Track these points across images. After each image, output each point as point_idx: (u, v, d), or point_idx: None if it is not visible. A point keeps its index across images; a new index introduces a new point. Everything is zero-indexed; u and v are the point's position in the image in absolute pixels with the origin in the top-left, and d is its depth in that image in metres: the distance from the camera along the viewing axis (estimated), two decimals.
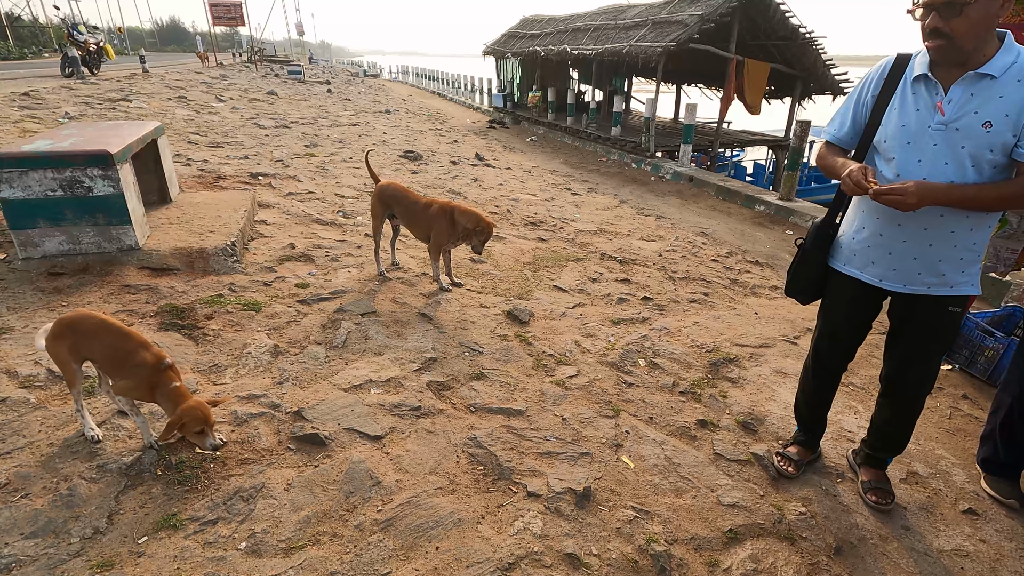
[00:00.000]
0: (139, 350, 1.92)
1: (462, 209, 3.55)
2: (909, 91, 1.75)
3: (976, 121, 1.62)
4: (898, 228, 1.79)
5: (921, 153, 1.70)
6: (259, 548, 1.73)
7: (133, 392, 1.94)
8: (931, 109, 1.69)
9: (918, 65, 1.74)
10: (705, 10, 10.19)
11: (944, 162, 1.67)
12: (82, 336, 1.95)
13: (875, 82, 1.83)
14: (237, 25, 30.53)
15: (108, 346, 1.95)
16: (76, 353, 1.96)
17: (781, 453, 2.35)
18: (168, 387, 1.91)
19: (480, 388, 2.69)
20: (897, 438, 2.16)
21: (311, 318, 3.18)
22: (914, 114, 1.72)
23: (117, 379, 1.98)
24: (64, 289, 3.11)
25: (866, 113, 1.84)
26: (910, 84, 1.75)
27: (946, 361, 3.43)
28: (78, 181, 3.19)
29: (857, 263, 1.94)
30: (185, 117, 9.52)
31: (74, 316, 1.97)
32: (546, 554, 1.80)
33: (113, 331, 1.95)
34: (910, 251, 1.80)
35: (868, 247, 1.88)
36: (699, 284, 4.45)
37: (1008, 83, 1.60)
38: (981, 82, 1.63)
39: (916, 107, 1.72)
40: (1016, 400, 2.20)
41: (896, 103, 1.77)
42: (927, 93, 1.71)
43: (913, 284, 1.84)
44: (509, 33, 18.53)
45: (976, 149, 1.64)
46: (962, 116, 1.64)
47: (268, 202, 5.19)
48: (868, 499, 2.17)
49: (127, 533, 1.74)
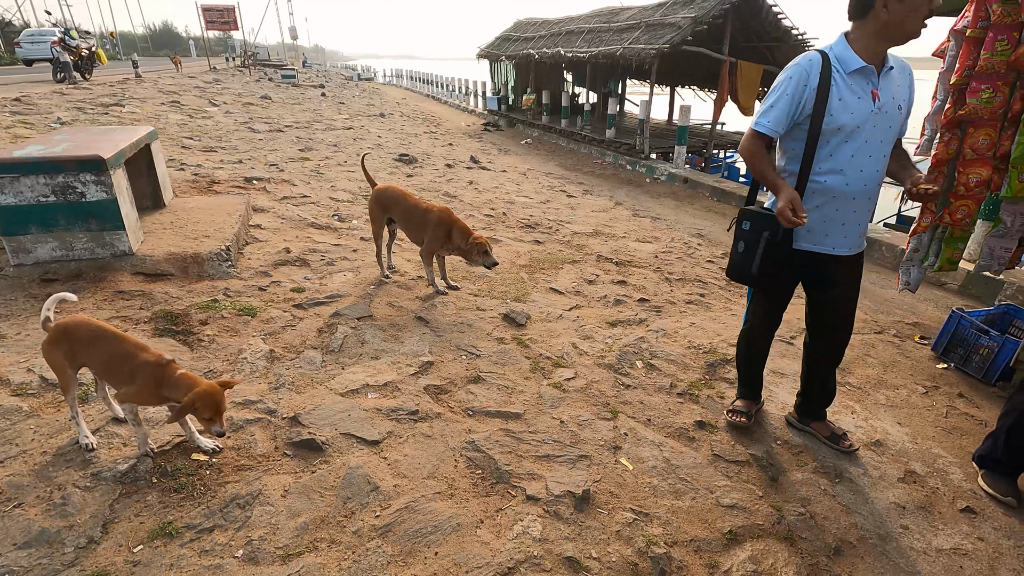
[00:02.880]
0: (137, 353, 1.90)
1: (461, 227, 3.53)
2: (846, 83, 1.98)
3: (894, 105, 1.99)
4: (852, 201, 2.09)
5: (867, 135, 1.99)
6: (256, 555, 1.71)
7: (137, 397, 1.91)
8: (868, 97, 1.97)
9: (849, 59, 1.97)
10: (698, 12, 10.24)
11: (880, 141, 2.01)
12: (78, 343, 1.92)
13: (812, 77, 2.00)
14: (230, 29, 30.48)
15: (105, 352, 1.92)
16: (72, 359, 1.94)
17: (732, 410, 2.59)
18: (175, 377, 1.87)
19: (477, 391, 2.68)
20: (831, 383, 2.48)
21: (307, 323, 3.16)
22: (857, 103, 1.97)
23: (118, 385, 1.96)
24: None
25: (808, 106, 2.01)
26: (846, 76, 1.97)
27: (941, 360, 3.44)
28: (71, 187, 3.16)
29: (811, 239, 2.18)
30: (179, 122, 9.48)
31: (70, 322, 1.95)
32: (545, 558, 1.79)
33: (109, 337, 1.93)
34: (856, 220, 2.13)
35: (824, 223, 2.13)
36: (695, 285, 4.46)
37: (896, 75, 2.00)
38: (889, 73, 1.99)
39: (858, 96, 1.97)
40: None
41: (839, 94, 1.97)
42: (864, 84, 1.98)
43: (854, 246, 2.18)
44: (503, 36, 18.56)
45: (895, 129, 2.03)
46: (887, 101, 1.98)
47: (263, 206, 5.16)
48: (843, 447, 2.44)
49: (122, 542, 1.72)
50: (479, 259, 3.54)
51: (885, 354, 3.49)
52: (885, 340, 3.70)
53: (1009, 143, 2.98)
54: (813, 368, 2.48)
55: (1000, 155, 3.03)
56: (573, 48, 13.26)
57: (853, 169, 2.02)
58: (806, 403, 2.57)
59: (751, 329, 2.52)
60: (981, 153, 3.02)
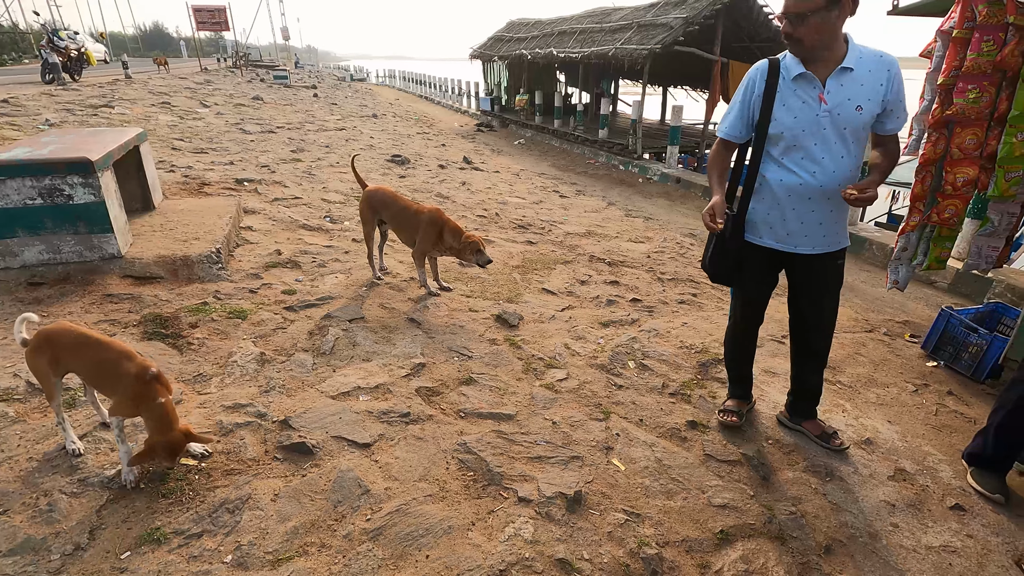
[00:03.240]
0: (122, 361, 1.87)
1: (452, 227, 3.53)
2: (791, 88, 2.04)
3: (851, 107, 1.98)
4: (808, 200, 2.11)
5: (815, 138, 2.03)
6: (245, 561, 1.70)
7: (123, 409, 1.86)
8: (815, 101, 2.01)
9: (793, 66, 2.04)
10: (689, 13, 10.28)
11: (833, 142, 2.03)
12: (62, 349, 1.90)
13: (758, 84, 2.11)
14: (221, 30, 30.32)
15: (90, 359, 1.90)
16: (56, 367, 1.92)
17: (723, 410, 2.60)
18: (153, 403, 1.82)
19: (470, 393, 2.67)
20: (818, 383, 2.50)
21: (298, 325, 3.14)
22: (801, 107, 2.03)
23: (106, 392, 1.93)
24: (44, 299, 3.05)
25: (756, 111, 2.13)
26: (790, 82, 2.04)
27: (931, 358, 3.47)
28: (58, 189, 3.13)
29: (772, 235, 2.23)
30: (169, 123, 9.42)
31: (53, 329, 1.93)
32: (537, 560, 1.78)
33: (93, 343, 1.91)
34: (816, 219, 2.14)
35: (783, 220, 2.18)
36: (687, 285, 4.47)
37: (862, 73, 1.98)
38: (845, 75, 1.98)
39: (803, 100, 2.02)
40: (1019, 401, 2.20)
41: (782, 100, 2.06)
42: (809, 88, 2.02)
43: (817, 246, 2.19)
44: (496, 36, 18.57)
45: (853, 129, 2.01)
46: (840, 103, 1.98)
47: (254, 208, 5.14)
48: (834, 445, 2.45)
49: (109, 548, 1.70)
50: (472, 257, 3.55)
51: (876, 352, 3.52)
52: (876, 338, 3.72)
53: (995, 143, 3.01)
54: (797, 366, 2.51)
55: (987, 155, 3.06)
56: (566, 48, 13.28)
57: (803, 170, 2.07)
58: (795, 402, 2.59)
59: (733, 327, 2.57)
60: (968, 153, 3.04)
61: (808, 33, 1.93)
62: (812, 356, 2.45)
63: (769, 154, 2.16)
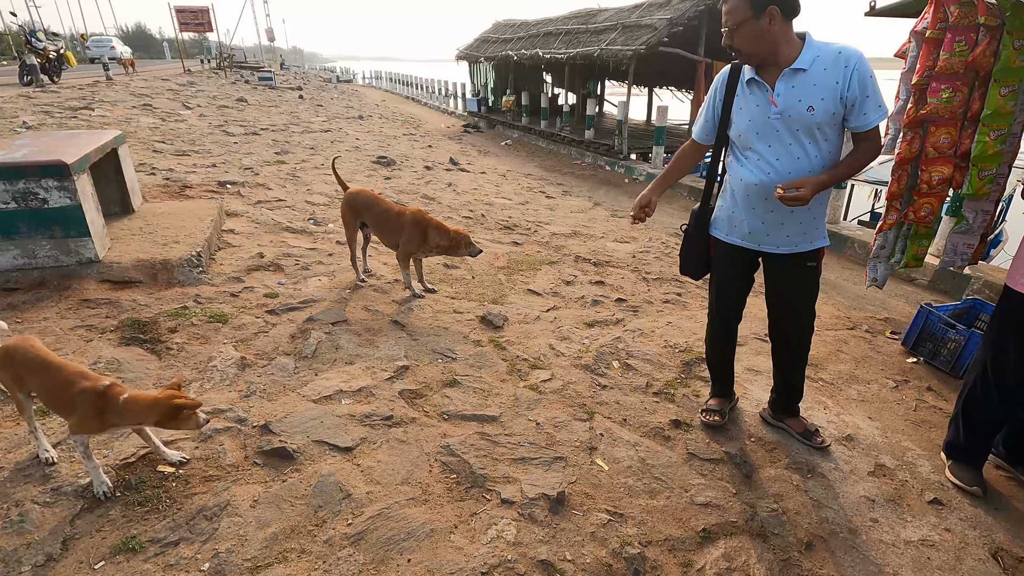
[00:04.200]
0: (76, 381, 1.78)
1: (436, 225, 3.54)
2: (746, 92, 2.11)
3: (802, 107, 1.99)
4: (766, 201, 2.13)
5: (769, 139, 2.08)
6: (223, 569, 1.67)
7: (82, 427, 1.78)
8: (766, 104, 2.05)
9: (747, 72, 2.11)
10: (673, 14, 10.35)
11: (788, 143, 2.05)
12: (23, 367, 1.83)
13: (720, 89, 2.20)
14: (205, 31, 29.96)
15: (44, 381, 1.82)
16: (20, 384, 1.86)
17: (706, 409, 2.63)
18: (119, 403, 1.75)
19: (453, 395, 2.66)
20: (799, 380, 2.53)
21: (280, 328, 3.11)
22: (755, 110, 2.08)
23: (61, 414, 1.87)
24: (19, 305, 2.99)
25: (717, 115, 2.22)
26: (745, 87, 2.11)
27: (911, 354, 3.52)
28: (32, 193, 3.07)
29: (738, 233, 2.28)
30: (150, 125, 9.29)
31: (15, 345, 1.86)
32: (520, 562, 1.78)
33: (47, 365, 1.82)
34: (779, 219, 2.17)
35: (744, 219, 2.23)
36: (672, 284, 4.49)
37: (817, 73, 1.97)
38: (796, 76, 1.99)
39: (756, 104, 2.08)
40: (976, 381, 2.27)
41: (739, 104, 2.13)
42: (760, 92, 2.07)
43: (783, 246, 2.22)
44: (482, 38, 18.55)
45: (807, 129, 2.02)
46: (790, 105, 2.00)
47: (236, 211, 5.08)
48: (815, 443, 2.49)
49: (83, 559, 1.67)
50: (466, 250, 3.61)
51: (857, 349, 3.56)
52: (857, 336, 3.77)
53: (969, 142, 3.06)
54: (777, 364, 2.55)
55: (961, 153, 3.11)
56: (551, 49, 13.31)
57: (759, 170, 2.12)
58: (777, 399, 2.61)
59: (710, 325, 2.60)
60: (943, 152, 3.09)
61: (743, 43, 2.00)
62: (790, 355, 2.47)
63: (732, 154, 2.25)
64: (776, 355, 2.54)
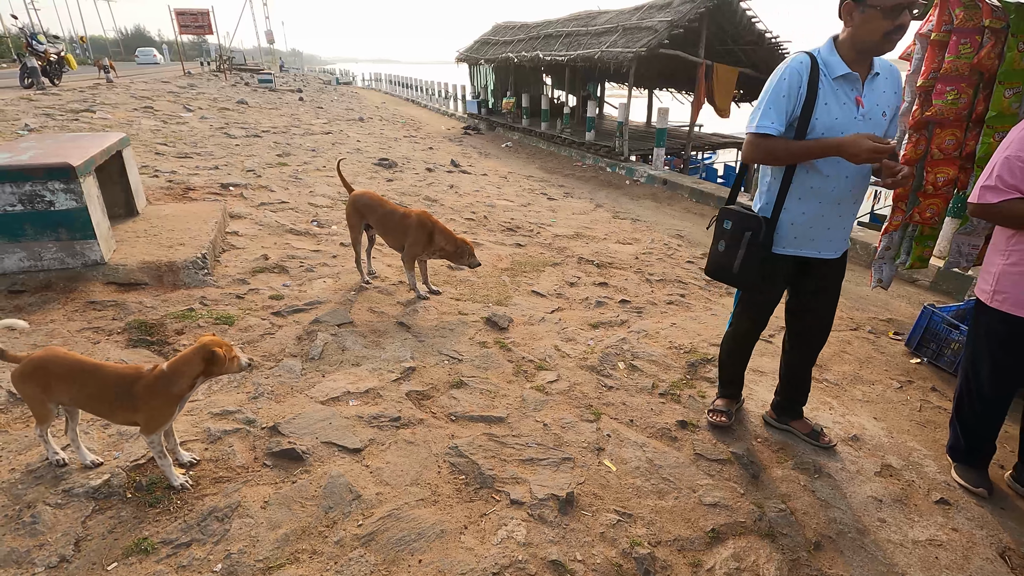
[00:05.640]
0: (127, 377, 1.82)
1: (442, 228, 3.56)
2: (832, 88, 1.96)
3: (878, 112, 1.98)
4: (837, 206, 2.09)
5: None
6: (235, 569, 1.68)
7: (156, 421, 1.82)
8: (852, 103, 1.97)
9: (834, 64, 1.96)
10: (674, 16, 10.37)
11: None
12: (55, 377, 1.80)
13: (803, 80, 1.96)
14: (204, 34, 30.02)
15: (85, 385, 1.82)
16: (50, 393, 1.83)
17: (712, 410, 2.62)
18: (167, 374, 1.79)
19: (460, 396, 2.67)
20: (808, 381, 2.54)
21: (286, 330, 3.12)
22: (841, 108, 1.97)
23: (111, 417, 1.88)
24: (25, 307, 2.99)
25: (797, 108, 1.99)
26: (832, 81, 1.96)
27: (914, 355, 3.53)
28: (38, 195, 3.08)
29: (797, 243, 2.18)
30: (152, 127, 9.31)
31: (42, 356, 1.82)
32: (530, 562, 1.78)
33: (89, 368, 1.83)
34: (842, 223, 2.15)
35: (810, 227, 2.14)
36: (675, 285, 4.50)
37: (883, 80, 1.99)
38: (875, 79, 1.98)
39: (843, 102, 1.97)
40: (964, 384, 2.29)
41: (825, 99, 1.96)
42: (849, 89, 1.97)
43: (840, 249, 2.21)
44: (482, 40, 18.58)
45: (880, 134, 2.00)
46: (871, 107, 1.97)
47: (240, 213, 5.09)
48: (822, 443, 2.49)
49: (95, 560, 1.67)
50: (468, 260, 3.63)
51: (861, 350, 3.57)
52: (861, 336, 3.78)
53: (974, 143, 3.07)
54: (790, 366, 2.53)
55: (966, 155, 3.12)
56: (552, 51, 13.33)
57: (839, 174, 2.02)
58: (784, 400, 2.61)
59: (736, 330, 2.52)
60: (948, 153, 3.10)
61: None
62: (811, 358, 2.48)
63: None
64: (789, 357, 2.52)
